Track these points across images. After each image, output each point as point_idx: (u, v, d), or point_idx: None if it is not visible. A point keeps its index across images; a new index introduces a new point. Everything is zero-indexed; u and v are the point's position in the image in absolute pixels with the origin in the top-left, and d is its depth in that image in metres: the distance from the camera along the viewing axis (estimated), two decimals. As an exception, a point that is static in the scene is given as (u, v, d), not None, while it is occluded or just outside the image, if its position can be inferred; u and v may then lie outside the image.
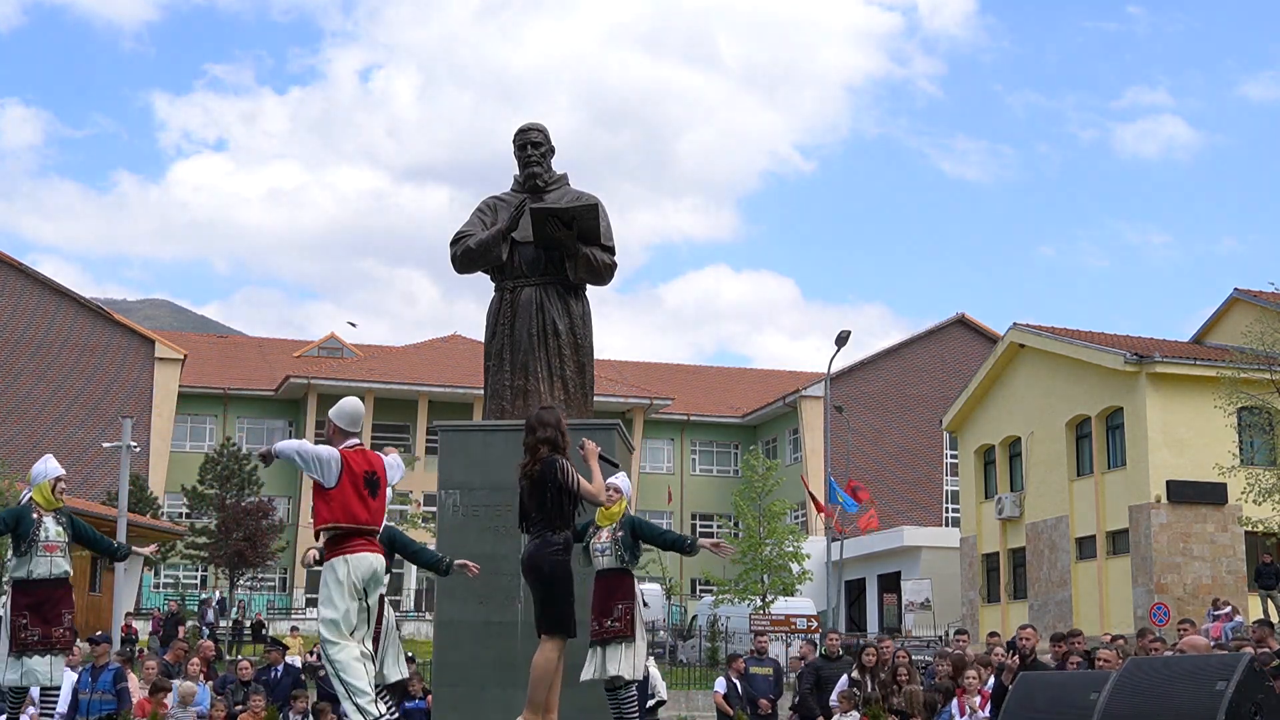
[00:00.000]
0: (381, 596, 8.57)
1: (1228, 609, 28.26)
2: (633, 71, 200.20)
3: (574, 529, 8.53)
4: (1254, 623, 17.74)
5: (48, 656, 9.65)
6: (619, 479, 9.20)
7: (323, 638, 8.08)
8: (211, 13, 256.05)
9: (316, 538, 8.30)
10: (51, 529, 9.75)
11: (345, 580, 8.02)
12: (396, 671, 9.21)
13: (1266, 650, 12.08)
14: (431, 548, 10.16)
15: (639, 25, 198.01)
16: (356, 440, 8.39)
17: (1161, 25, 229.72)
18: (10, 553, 9.84)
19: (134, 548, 10.48)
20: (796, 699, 16.22)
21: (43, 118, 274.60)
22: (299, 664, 25.94)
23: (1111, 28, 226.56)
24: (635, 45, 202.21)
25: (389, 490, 8.68)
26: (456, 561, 9.28)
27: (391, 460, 8.90)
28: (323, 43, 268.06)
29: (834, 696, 15.33)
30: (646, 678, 15.97)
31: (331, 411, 8.46)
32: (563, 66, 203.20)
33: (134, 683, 14.42)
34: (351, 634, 8.03)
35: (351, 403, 8.47)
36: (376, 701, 7.97)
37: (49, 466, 10.02)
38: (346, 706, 7.93)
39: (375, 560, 8.18)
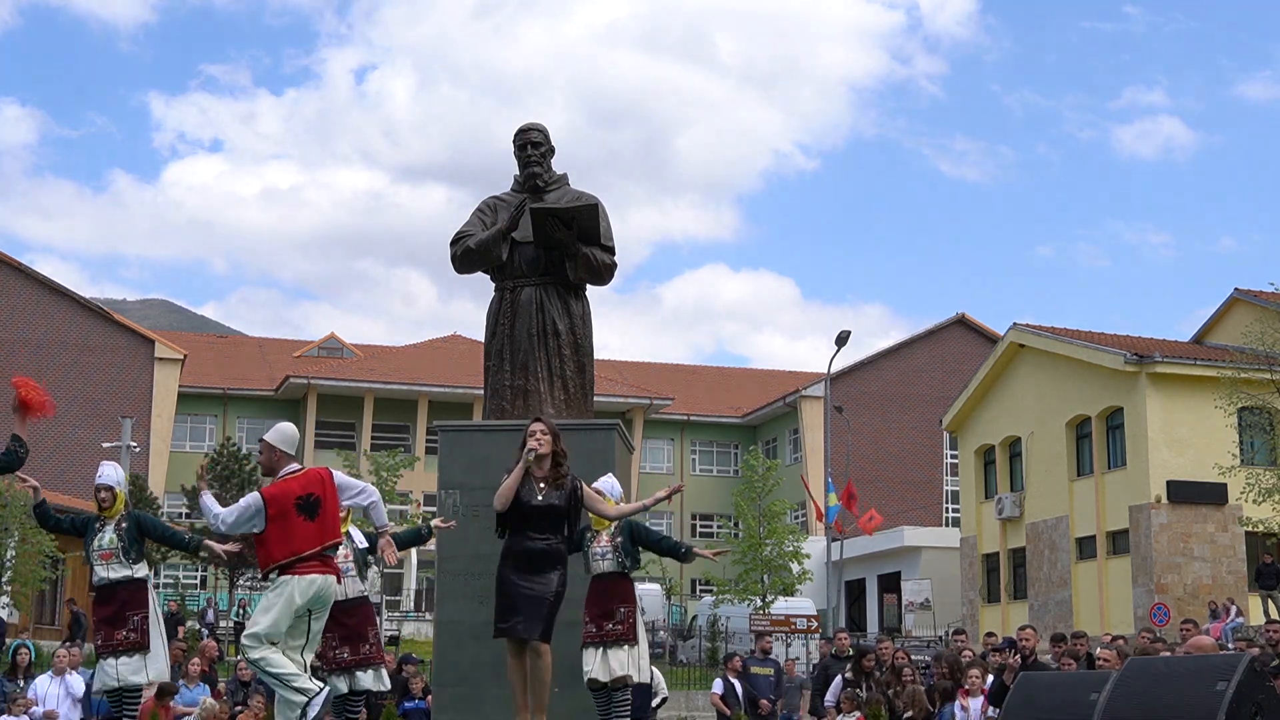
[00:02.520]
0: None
1: (1233, 608, 28.32)
2: (629, 70, 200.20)
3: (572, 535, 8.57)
4: (1268, 622, 17.76)
5: (115, 659, 9.73)
6: (605, 482, 9.19)
7: (243, 645, 8.10)
8: (207, 14, 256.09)
9: (265, 578, 8.35)
10: (107, 536, 9.84)
11: (292, 600, 8.05)
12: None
13: (1268, 650, 12.09)
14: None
15: (635, 23, 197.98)
16: (296, 465, 8.42)
17: (1159, 25, 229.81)
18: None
19: (208, 541, 10.46)
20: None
21: (37, 117, 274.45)
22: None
23: (1108, 28, 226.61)
24: (631, 43, 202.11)
25: (346, 506, 8.71)
26: (434, 523, 9.96)
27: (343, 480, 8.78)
28: (318, 43, 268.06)
29: (829, 697, 15.38)
30: (651, 677, 16.02)
31: (272, 437, 8.44)
32: (558, 65, 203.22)
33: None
34: (278, 646, 8.05)
35: (289, 426, 8.60)
36: (309, 678, 8.04)
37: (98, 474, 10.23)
38: (286, 693, 7.96)
39: (323, 581, 8.15)
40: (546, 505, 8.15)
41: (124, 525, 9.96)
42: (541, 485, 8.17)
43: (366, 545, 11.15)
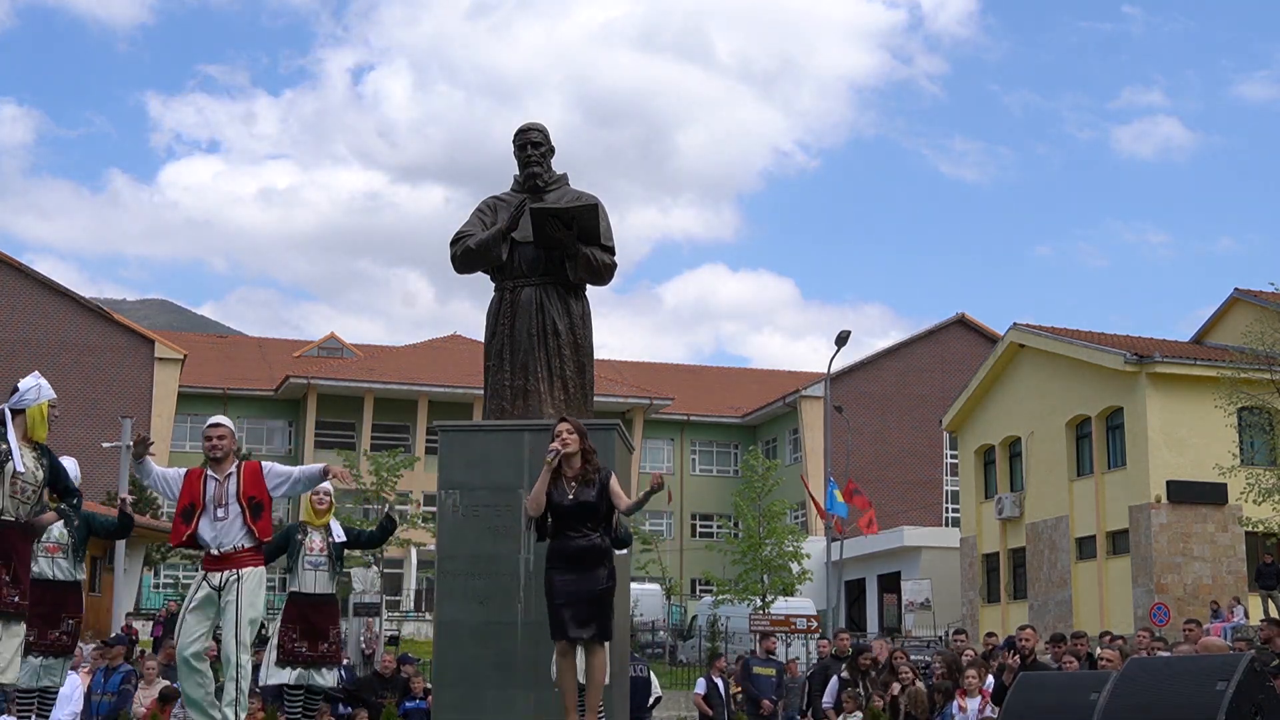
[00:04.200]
0: None
1: (1239, 609, 28.31)
2: (627, 69, 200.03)
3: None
4: (1263, 621, 17.72)
5: (41, 659, 9.73)
6: None
7: (245, 646, 8.26)
8: (205, 15, 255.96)
9: (255, 553, 8.54)
10: (56, 531, 9.87)
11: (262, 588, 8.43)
12: None
13: (1269, 649, 12.08)
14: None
15: (631, 23, 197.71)
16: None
17: (1157, 25, 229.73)
18: None
19: (125, 507, 10.69)
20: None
21: (35, 117, 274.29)
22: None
23: (1107, 28, 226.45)
24: (628, 43, 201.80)
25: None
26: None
27: None
28: (314, 44, 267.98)
29: (826, 697, 15.37)
30: (647, 678, 16.00)
31: (232, 426, 8.76)
32: (556, 64, 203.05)
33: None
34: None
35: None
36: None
37: None
38: (195, 712, 8.13)
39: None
40: (579, 503, 8.18)
41: (75, 523, 9.99)
42: (572, 484, 8.22)
43: (345, 540, 11.33)
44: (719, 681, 16.81)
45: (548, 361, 10.50)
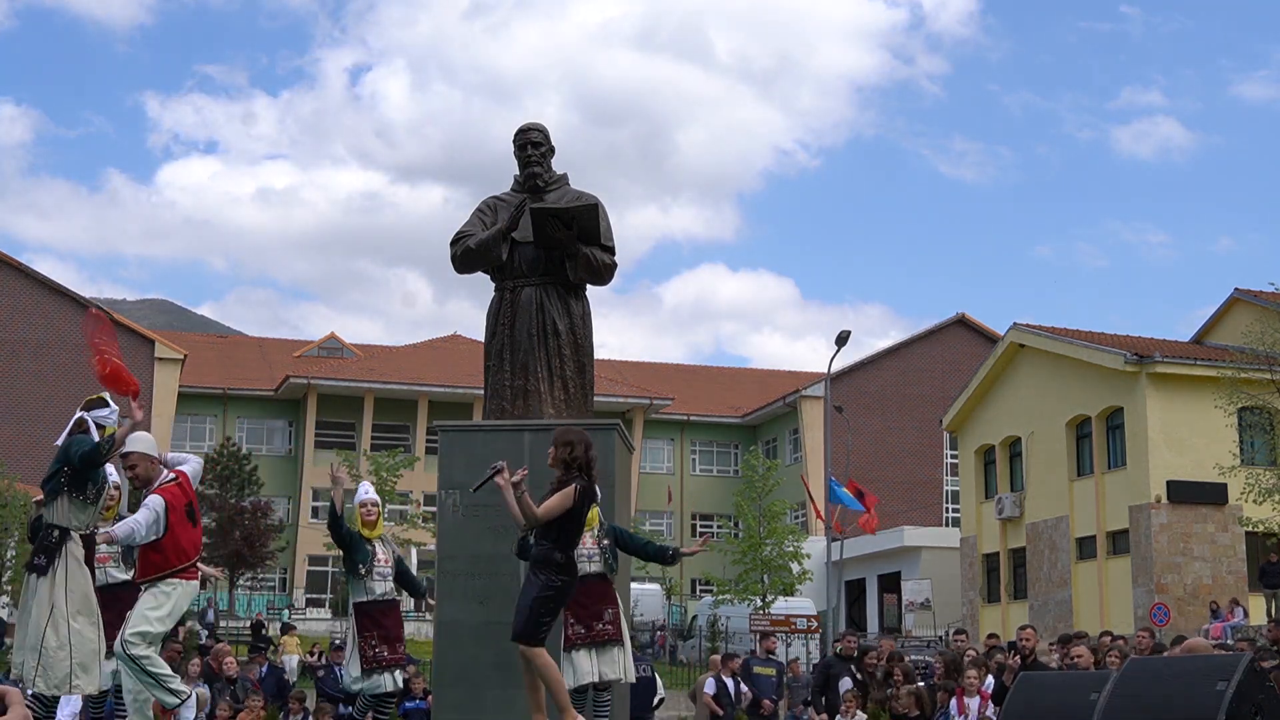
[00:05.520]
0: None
1: (1239, 610, 28.30)
2: (626, 69, 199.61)
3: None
4: (1271, 622, 17.75)
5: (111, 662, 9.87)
6: None
7: (132, 645, 8.31)
8: (203, 15, 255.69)
9: (139, 586, 8.63)
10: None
11: (179, 606, 8.52)
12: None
13: (1277, 649, 12.09)
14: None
15: (629, 23, 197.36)
16: (166, 472, 8.74)
17: (1156, 25, 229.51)
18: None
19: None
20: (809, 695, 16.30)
21: (33, 116, 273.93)
22: (297, 663, 25.96)
23: (1105, 28, 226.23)
24: (626, 42, 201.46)
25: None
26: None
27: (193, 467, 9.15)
28: (313, 44, 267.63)
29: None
30: (652, 678, 16.02)
31: (144, 448, 8.74)
32: (554, 64, 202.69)
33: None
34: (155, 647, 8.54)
35: (147, 434, 8.91)
36: (181, 680, 8.59)
37: None
38: (160, 694, 8.24)
39: (196, 588, 8.77)
40: None
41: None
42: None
43: (399, 553, 11.51)
44: (729, 681, 16.79)
45: (548, 361, 10.51)
